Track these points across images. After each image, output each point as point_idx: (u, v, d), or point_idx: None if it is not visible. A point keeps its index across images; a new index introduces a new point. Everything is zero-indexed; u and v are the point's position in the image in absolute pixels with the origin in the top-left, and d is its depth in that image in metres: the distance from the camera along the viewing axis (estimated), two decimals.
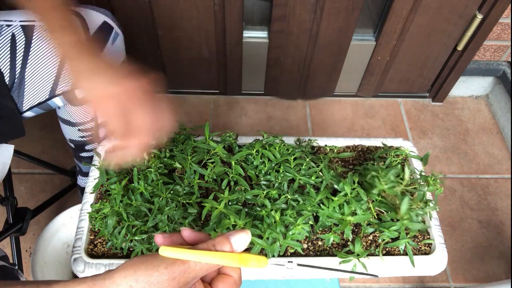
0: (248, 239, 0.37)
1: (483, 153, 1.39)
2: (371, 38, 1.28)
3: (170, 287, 0.34)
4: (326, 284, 0.74)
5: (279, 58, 1.28)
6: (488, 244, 1.19)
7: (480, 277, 1.14)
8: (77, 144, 0.90)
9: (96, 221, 0.58)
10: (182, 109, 1.42)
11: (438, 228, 0.61)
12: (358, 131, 1.41)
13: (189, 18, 1.14)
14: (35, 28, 0.66)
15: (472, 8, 1.16)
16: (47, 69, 0.67)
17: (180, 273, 0.34)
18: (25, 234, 0.93)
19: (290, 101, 1.47)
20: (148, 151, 0.62)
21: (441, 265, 0.58)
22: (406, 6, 1.13)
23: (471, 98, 1.54)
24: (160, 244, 0.36)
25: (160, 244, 0.36)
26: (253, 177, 0.61)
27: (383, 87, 1.45)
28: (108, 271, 0.35)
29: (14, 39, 0.65)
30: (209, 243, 0.37)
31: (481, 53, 1.37)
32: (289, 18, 1.13)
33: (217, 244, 0.36)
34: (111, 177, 0.61)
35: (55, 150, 1.28)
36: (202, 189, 0.61)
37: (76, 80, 0.57)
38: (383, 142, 0.70)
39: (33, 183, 1.22)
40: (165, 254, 0.35)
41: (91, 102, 0.53)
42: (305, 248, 0.58)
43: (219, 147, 0.61)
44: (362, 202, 0.57)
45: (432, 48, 1.29)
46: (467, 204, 1.27)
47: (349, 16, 1.14)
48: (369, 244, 0.59)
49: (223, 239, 0.37)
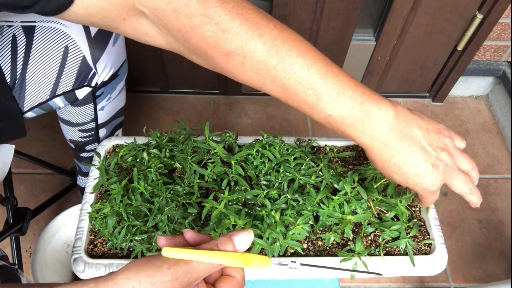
0: (251, 239, 0.38)
1: (483, 153, 1.39)
2: (371, 38, 1.28)
3: (172, 287, 0.34)
4: (326, 284, 0.74)
5: None
6: (488, 244, 1.19)
7: (480, 277, 1.14)
8: (77, 144, 0.90)
9: (96, 221, 0.58)
10: (182, 109, 1.42)
11: (438, 228, 0.61)
12: None
13: None
14: (36, 29, 0.66)
15: (472, 8, 1.16)
16: (48, 69, 0.67)
17: (183, 273, 0.34)
18: (25, 234, 0.93)
19: None
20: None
21: (441, 265, 0.58)
22: (406, 6, 1.13)
23: (471, 98, 1.54)
24: (162, 246, 0.36)
25: (163, 245, 0.36)
26: (253, 177, 0.61)
27: (383, 87, 1.45)
28: (111, 273, 0.35)
29: (15, 39, 0.65)
30: (212, 243, 0.37)
31: (481, 53, 1.37)
32: (289, 18, 1.13)
33: (220, 244, 0.36)
34: (111, 177, 0.61)
35: (55, 150, 1.28)
36: (202, 189, 0.61)
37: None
38: None
39: (33, 183, 1.22)
40: (168, 255, 0.35)
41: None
42: (305, 248, 0.58)
43: (219, 147, 0.61)
44: (362, 201, 0.57)
45: (432, 48, 1.29)
46: (467, 204, 1.27)
47: (349, 16, 1.14)
48: (369, 243, 0.59)
49: (225, 239, 0.37)
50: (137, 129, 1.33)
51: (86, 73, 0.71)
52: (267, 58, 0.43)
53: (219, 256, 0.35)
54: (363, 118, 0.46)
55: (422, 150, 0.47)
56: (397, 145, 0.47)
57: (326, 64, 0.46)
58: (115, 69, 0.76)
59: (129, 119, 1.33)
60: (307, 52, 0.45)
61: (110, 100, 0.82)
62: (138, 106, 1.41)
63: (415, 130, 0.48)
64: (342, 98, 0.45)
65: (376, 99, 0.46)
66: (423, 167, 0.47)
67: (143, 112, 1.41)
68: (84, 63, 0.69)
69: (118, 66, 0.77)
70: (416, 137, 0.48)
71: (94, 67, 0.71)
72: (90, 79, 0.73)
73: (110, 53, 0.72)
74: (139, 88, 1.44)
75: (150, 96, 1.45)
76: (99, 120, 0.84)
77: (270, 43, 0.43)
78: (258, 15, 0.44)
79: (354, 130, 0.47)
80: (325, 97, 0.45)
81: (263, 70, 0.44)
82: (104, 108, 0.83)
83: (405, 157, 0.47)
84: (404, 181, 0.49)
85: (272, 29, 0.44)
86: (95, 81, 0.74)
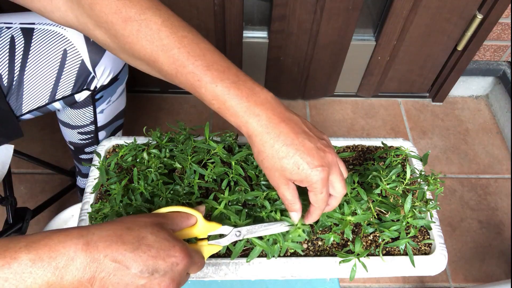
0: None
1: (483, 153, 1.39)
2: (371, 38, 1.28)
3: (150, 221, 0.43)
4: (326, 284, 0.74)
5: (279, 58, 1.28)
6: (488, 244, 1.19)
7: (480, 277, 1.14)
8: (77, 146, 0.90)
9: (96, 221, 0.58)
10: (182, 109, 1.42)
11: (438, 228, 0.61)
12: (358, 131, 1.41)
13: (189, 18, 1.14)
14: (34, 31, 0.66)
15: (472, 8, 1.16)
16: (46, 72, 0.67)
17: (158, 215, 0.46)
18: (25, 234, 0.93)
19: (290, 101, 1.47)
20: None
21: (441, 265, 0.58)
22: (406, 6, 1.13)
23: (471, 98, 1.54)
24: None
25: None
26: (253, 177, 0.61)
27: (383, 87, 1.45)
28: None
29: (13, 41, 0.65)
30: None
31: (481, 53, 1.37)
32: (289, 18, 1.13)
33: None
34: (111, 177, 0.61)
35: (55, 150, 1.28)
36: (202, 189, 0.61)
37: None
38: (383, 142, 0.70)
39: (33, 183, 1.22)
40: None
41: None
42: (305, 248, 0.58)
43: (219, 147, 0.61)
44: (362, 202, 0.57)
45: (432, 48, 1.29)
46: (467, 204, 1.27)
47: (349, 16, 1.14)
48: (369, 244, 0.59)
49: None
50: (137, 129, 1.33)
51: (85, 77, 0.71)
52: (161, 28, 0.46)
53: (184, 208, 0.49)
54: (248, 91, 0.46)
55: (305, 134, 0.46)
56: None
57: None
58: (115, 73, 0.76)
59: (129, 119, 1.33)
60: (198, 32, 0.48)
61: (110, 103, 0.82)
62: (138, 106, 1.41)
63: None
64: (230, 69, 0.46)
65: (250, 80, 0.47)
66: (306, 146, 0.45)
67: (143, 112, 1.41)
68: (82, 67, 0.69)
69: (118, 70, 0.77)
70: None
71: (93, 71, 0.71)
72: (89, 83, 0.72)
73: (109, 57, 0.72)
74: (139, 88, 1.44)
75: (150, 96, 1.45)
76: (99, 123, 0.84)
77: (165, 16, 0.47)
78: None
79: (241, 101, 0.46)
80: (214, 67, 0.45)
81: (156, 39, 0.45)
82: (103, 111, 0.82)
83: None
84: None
85: (169, 9, 0.49)
86: (94, 85, 0.73)
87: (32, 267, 0.36)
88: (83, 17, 0.49)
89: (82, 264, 0.37)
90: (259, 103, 0.45)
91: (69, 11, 0.50)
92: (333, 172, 0.47)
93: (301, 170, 0.45)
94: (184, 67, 0.45)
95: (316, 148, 0.45)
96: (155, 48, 0.46)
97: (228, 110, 0.45)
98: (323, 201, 0.48)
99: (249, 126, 0.45)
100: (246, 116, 0.45)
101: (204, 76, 0.45)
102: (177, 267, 0.42)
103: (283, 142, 0.44)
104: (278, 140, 0.45)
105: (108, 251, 0.38)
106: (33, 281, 0.35)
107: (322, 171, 0.45)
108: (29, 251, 0.36)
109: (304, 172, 0.45)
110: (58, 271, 0.36)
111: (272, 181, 0.48)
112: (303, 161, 0.44)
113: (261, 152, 0.46)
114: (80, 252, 0.37)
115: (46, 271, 0.36)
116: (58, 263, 0.36)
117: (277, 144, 0.45)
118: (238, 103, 0.45)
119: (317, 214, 0.50)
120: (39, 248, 0.36)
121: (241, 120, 0.45)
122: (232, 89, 0.45)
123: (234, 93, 0.44)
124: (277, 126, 0.45)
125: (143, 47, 0.46)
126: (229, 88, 0.45)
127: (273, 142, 0.45)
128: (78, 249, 0.37)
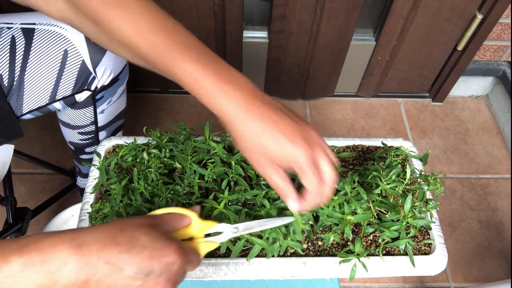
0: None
1: (483, 153, 1.39)
2: (371, 38, 1.28)
3: (146, 223, 0.43)
4: (326, 284, 0.74)
5: (279, 58, 1.28)
6: (488, 244, 1.19)
7: (480, 277, 1.14)
8: (77, 146, 0.90)
9: (96, 221, 0.58)
10: (182, 109, 1.42)
11: (438, 228, 0.61)
12: (358, 131, 1.41)
13: (189, 18, 1.14)
14: (35, 31, 0.66)
15: (472, 8, 1.16)
16: (47, 72, 0.67)
17: (154, 217, 0.46)
18: (25, 234, 0.93)
19: (290, 101, 1.47)
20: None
21: (441, 265, 0.58)
22: (406, 6, 1.13)
23: (471, 98, 1.54)
24: None
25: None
26: (253, 177, 0.61)
27: (383, 87, 1.45)
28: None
29: (14, 41, 0.65)
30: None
31: (481, 53, 1.37)
32: (289, 18, 1.13)
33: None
34: (111, 177, 0.61)
35: (55, 150, 1.28)
36: (202, 189, 0.61)
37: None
38: (383, 142, 0.70)
39: (33, 183, 1.22)
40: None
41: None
42: (305, 248, 0.58)
43: (219, 147, 0.61)
44: (362, 202, 0.57)
45: (432, 48, 1.29)
46: (467, 204, 1.27)
47: (349, 16, 1.14)
48: (369, 244, 0.59)
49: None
50: (137, 129, 1.33)
51: (86, 77, 0.71)
52: (141, 11, 0.46)
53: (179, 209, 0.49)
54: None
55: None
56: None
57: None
58: (116, 73, 0.76)
59: (130, 119, 1.33)
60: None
61: (110, 103, 0.82)
62: (138, 106, 1.41)
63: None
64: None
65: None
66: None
67: (143, 112, 1.41)
68: (83, 68, 0.69)
69: (119, 70, 0.77)
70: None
71: (94, 71, 0.71)
72: (89, 83, 0.72)
73: (110, 58, 0.72)
74: (140, 88, 1.44)
75: (150, 96, 1.45)
76: (99, 123, 0.84)
77: (145, 2, 0.47)
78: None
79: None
80: (194, 54, 0.46)
81: (137, 23, 0.46)
82: (104, 111, 0.82)
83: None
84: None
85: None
86: (94, 85, 0.73)
87: (24, 271, 0.35)
88: (74, 8, 0.50)
89: (75, 268, 0.37)
90: (238, 87, 0.45)
91: (64, 1, 0.51)
92: (319, 153, 0.46)
93: (282, 146, 0.44)
94: (164, 51, 0.46)
95: (297, 124, 0.45)
96: (134, 33, 0.46)
97: (205, 93, 0.45)
98: (315, 182, 0.46)
99: (227, 109, 0.45)
100: (225, 100, 0.45)
101: (186, 63, 0.45)
102: (172, 267, 0.41)
103: (262, 122, 0.44)
104: (259, 120, 0.44)
105: (101, 253, 0.38)
106: (25, 285, 0.35)
107: (305, 146, 0.44)
108: (21, 254, 0.36)
109: (287, 148, 0.44)
110: (51, 275, 0.36)
111: (257, 165, 0.47)
112: (284, 138, 0.44)
113: (241, 135, 0.45)
114: (73, 256, 0.37)
115: (39, 274, 0.36)
116: (51, 267, 0.36)
117: (255, 123, 0.44)
118: (215, 87, 0.45)
119: (312, 199, 0.47)
120: (30, 251, 0.36)
121: (219, 103, 0.45)
122: (211, 75, 0.45)
123: (213, 78, 0.45)
124: (256, 108, 0.44)
125: (125, 31, 0.46)
126: (208, 73, 0.45)
127: (251, 122, 0.44)
128: (70, 253, 0.37)
